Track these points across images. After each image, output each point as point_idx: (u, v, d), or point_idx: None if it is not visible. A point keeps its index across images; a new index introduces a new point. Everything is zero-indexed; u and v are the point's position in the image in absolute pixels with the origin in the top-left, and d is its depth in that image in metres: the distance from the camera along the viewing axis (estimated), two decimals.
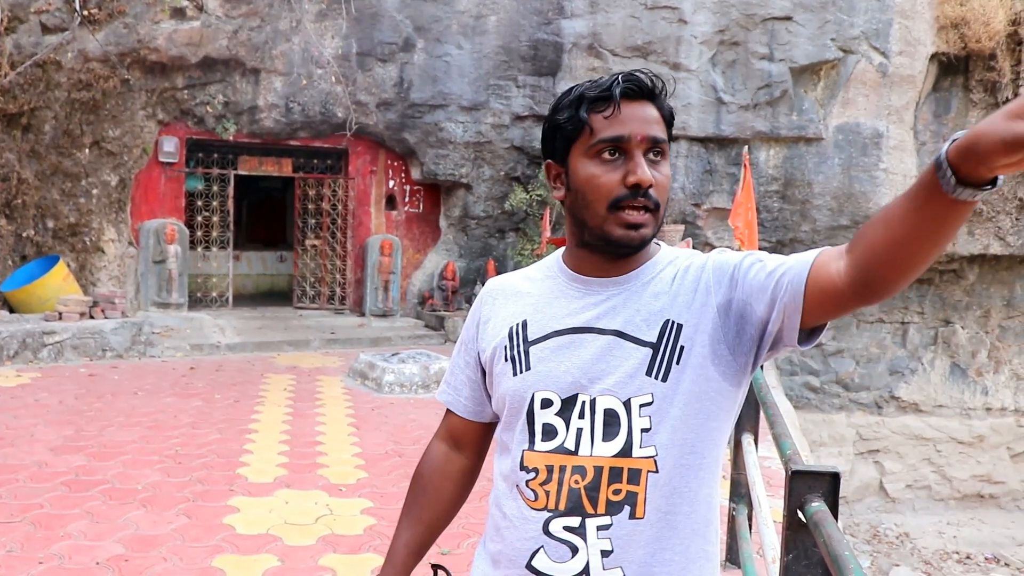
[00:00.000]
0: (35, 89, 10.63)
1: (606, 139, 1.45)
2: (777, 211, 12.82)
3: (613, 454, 1.45)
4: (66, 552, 4.21)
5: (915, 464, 13.31)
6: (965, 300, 13.40)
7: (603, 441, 1.46)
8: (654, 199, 1.44)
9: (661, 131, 1.47)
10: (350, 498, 5.29)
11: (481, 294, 1.70)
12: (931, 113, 12.80)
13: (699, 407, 1.46)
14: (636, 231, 1.45)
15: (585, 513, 1.46)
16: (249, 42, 11.71)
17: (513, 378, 1.55)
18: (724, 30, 12.47)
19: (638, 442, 1.45)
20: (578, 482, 1.46)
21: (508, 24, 12.77)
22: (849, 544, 1.72)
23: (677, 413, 1.45)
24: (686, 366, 1.45)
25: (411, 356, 9.17)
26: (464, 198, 13.53)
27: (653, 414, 1.44)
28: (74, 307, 10.01)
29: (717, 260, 1.49)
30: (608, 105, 1.45)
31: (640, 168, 1.43)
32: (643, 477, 1.44)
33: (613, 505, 1.45)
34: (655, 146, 1.46)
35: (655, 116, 1.47)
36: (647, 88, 1.47)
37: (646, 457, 1.45)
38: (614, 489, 1.45)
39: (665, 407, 1.44)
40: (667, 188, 1.48)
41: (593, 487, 1.45)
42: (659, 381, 1.44)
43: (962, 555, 12.19)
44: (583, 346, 1.50)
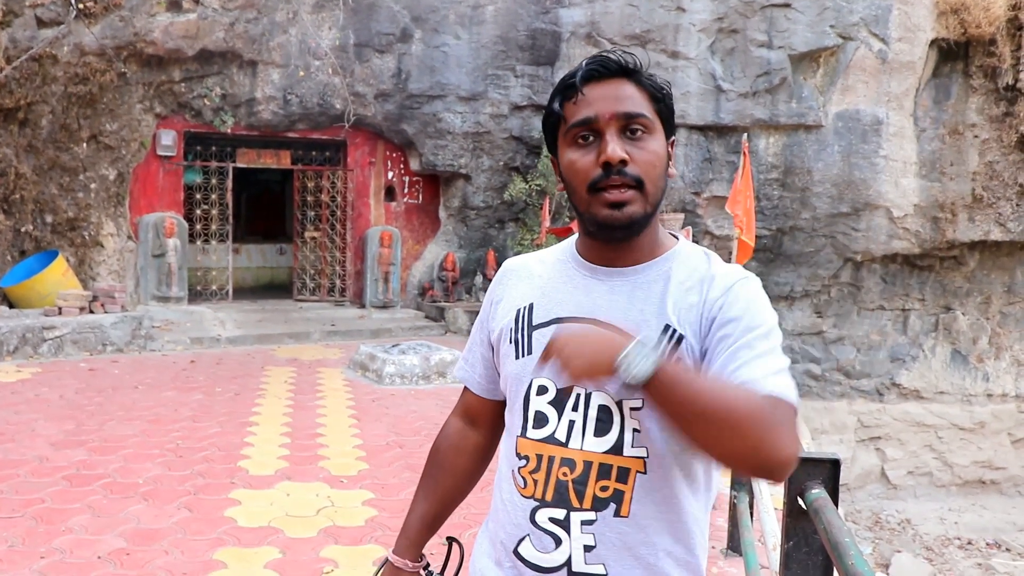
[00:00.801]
0: (31, 83, 10.60)
1: (576, 123, 1.44)
2: (777, 199, 12.80)
3: (604, 450, 1.44)
4: (68, 546, 4.21)
5: (916, 451, 13.33)
6: (966, 286, 13.39)
7: (595, 436, 1.45)
8: (631, 175, 1.41)
9: (636, 105, 1.43)
10: (351, 490, 5.29)
11: (498, 274, 1.69)
12: (931, 99, 12.76)
13: None
14: (619, 210, 1.42)
15: (571, 506, 1.45)
16: (246, 34, 11.67)
17: (515, 361, 1.54)
18: (722, 17, 12.43)
19: (629, 442, 1.43)
20: (566, 474, 1.46)
21: (506, 14, 12.72)
22: (849, 530, 1.71)
23: (668, 423, 1.39)
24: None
25: (411, 347, 9.17)
26: (463, 188, 13.51)
27: (643, 419, 1.42)
28: (74, 302, 10.01)
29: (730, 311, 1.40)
30: (574, 91, 1.45)
31: (609, 146, 1.41)
32: (632, 477, 1.43)
33: (599, 501, 1.44)
34: (631, 121, 1.43)
35: (628, 93, 1.44)
36: (615, 67, 1.45)
37: (636, 457, 1.43)
38: (602, 485, 1.44)
39: (656, 415, 1.40)
40: (652, 163, 1.43)
41: (581, 481, 1.44)
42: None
43: (963, 541, 12.22)
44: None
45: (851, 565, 1.56)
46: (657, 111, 1.46)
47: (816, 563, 2.08)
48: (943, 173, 12.71)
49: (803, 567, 2.09)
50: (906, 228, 12.74)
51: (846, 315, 13.41)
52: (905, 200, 12.63)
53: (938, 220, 12.76)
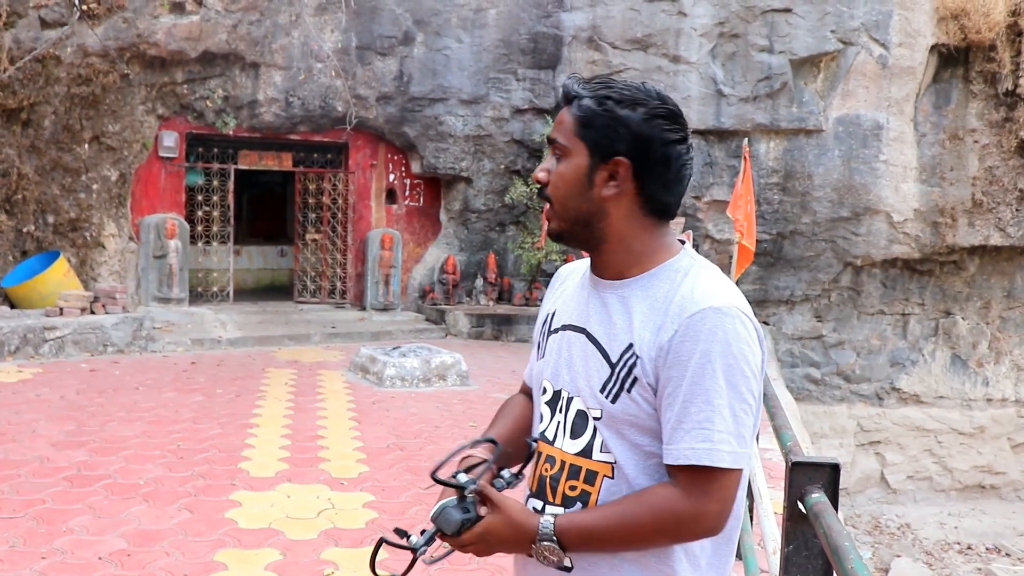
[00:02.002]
0: (35, 84, 10.62)
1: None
2: (777, 203, 12.81)
3: (575, 452, 1.54)
4: (68, 547, 4.22)
5: (916, 455, 13.33)
6: (966, 291, 13.40)
7: (571, 439, 1.55)
8: (544, 193, 1.57)
9: (557, 131, 1.55)
10: (352, 492, 5.30)
11: (556, 276, 1.81)
12: (931, 104, 12.78)
13: (649, 435, 1.48)
14: (549, 223, 1.58)
15: (546, 500, 1.56)
16: (249, 36, 11.69)
17: (536, 362, 1.71)
18: (724, 22, 12.45)
19: (598, 447, 1.51)
20: (547, 470, 1.58)
21: (508, 17, 12.74)
22: (849, 535, 1.73)
23: (625, 434, 1.49)
24: (636, 395, 1.47)
25: (412, 350, 9.18)
26: (464, 192, 13.52)
27: (602, 428, 1.50)
28: (75, 302, 10.02)
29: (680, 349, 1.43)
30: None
31: (537, 168, 1.58)
32: (599, 480, 1.50)
33: (568, 499, 1.53)
34: (551, 146, 1.56)
35: (562, 118, 1.55)
36: (563, 92, 1.57)
37: (604, 462, 1.50)
38: (571, 485, 1.53)
39: (612, 426, 1.49)
40: (556, 185, 1.54)
41: (556, 478, 1.55)
42: (608, 401, 1.49)
43: (963, 546, 12.22)
44: (574, 345, 1.57)
45: (851, 569, 1.57)
46: (579, 135, 1.52)
47: (816, 567, 2.09)
48: (943, 178, 12.73)
49: (803, 571, 2.10)
50: (906, 233, 12.76)
51: (846, 319, 13.41)
52: (905, 205, 12.65)
53: (938, 225, 12.77)
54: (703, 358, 1.40)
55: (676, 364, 1.42)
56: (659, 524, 1.41)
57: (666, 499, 1.41)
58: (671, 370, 1.42)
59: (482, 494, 1.45)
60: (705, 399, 1.40)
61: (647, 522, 1.41)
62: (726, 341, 1.41)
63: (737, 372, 1.41)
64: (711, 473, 1.40)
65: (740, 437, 1.41)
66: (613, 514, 1.43)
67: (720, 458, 1.39)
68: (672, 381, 1.42)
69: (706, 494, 1.40)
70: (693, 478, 1.40)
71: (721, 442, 1.39)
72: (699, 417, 1.40)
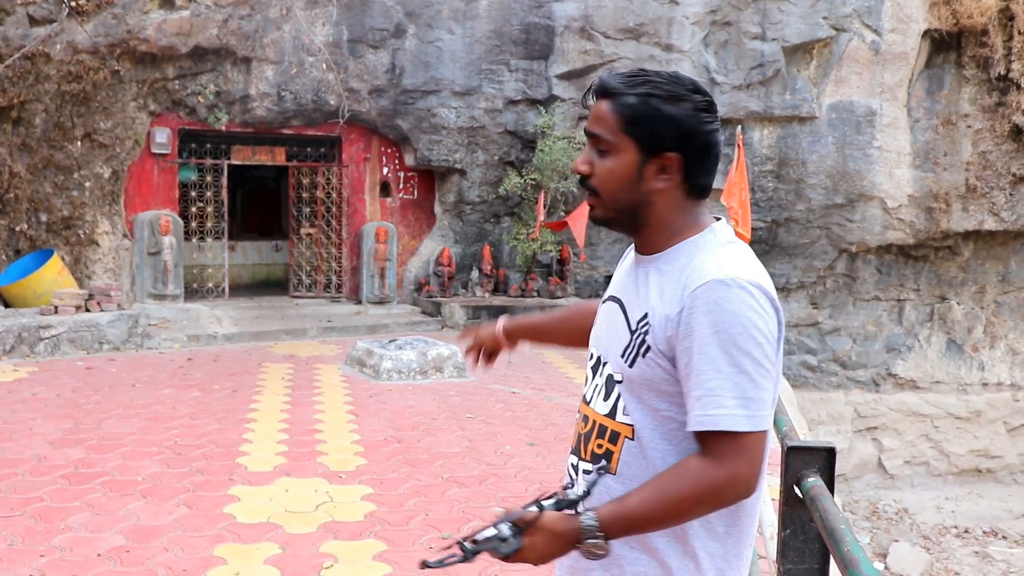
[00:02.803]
0: (24, 82, 10.57)
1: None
2: (772, 191, 12.82)
3: (603, 413, 1.66)
4: (67, 544, 4.22)
5: (913, 440, 13.37)
6: (960, 276, 13.43)
7: (602, 400, 1.67)
8: (588, 185, 1.64)
9: (600, 126, 1.60)
10: (350, 485, 5.30)
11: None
12: (924, 90, 12.79)
13: (667, 400, 1.57)
14: (592, 210, 1.68)
15: (580, 456, 1.70)
16: (240, 31, 11.65)
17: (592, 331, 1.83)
18: (716, 10, 12.43)
19: (621, 409, 1.62)
20: (582, 428, 1.71)
21: (499, 8, 12.71)
22: (845, 518, 1.73)
23: (644, 398, 1.58)
24: (650, 361, 1.56)
25: (408, 342, 9.18)
26: (458, 184, 13.51)
27: (623, 392, 1.62)
28: (70, 300, 9.99)
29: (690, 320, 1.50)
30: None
31: (578, 159, 1.65)
32: (620, 440, 1.62)
33: (595, 456, 1.66)
34: (594, 140, 1.63)
35: (601, 113, 1.61)
36: (599, 88, 1.63)
37: (626, 424, 1.61)
38: (598, 443, 1.66)
39: (632, 389, 1.60)
40: (604, 178, 1.62)
41: (587, 436, 1.69)
42: (627, 366, 1.60)
43: (960, 529, 12.27)
44: (611, 314, 1.71)
45: (847, 552, 1.58)
46: (627, 132, 1.58)
47: (813, 551, 2.10)
48: (937, 163, 12.74)
49: (800, 555, 2.10)
50: (900, 219, 12.77)
51: (842, 306, 13.44)
52: (899, 191, 12.66)
53: (932, 210, 12.79)
54: (710, 328, 1.47)
55: (687, 336, 1.50)
56: (699, 495, 1.48)
57: (700, 469, 1.48)
58: (683, 342, 1.51)
59: (520, 522, 1.50)
60: (714, 367, 1.46)
61: (688, 495, 1.48)
62: (731, 311, 1.47)
63: (746, 339, 1.47)
64: (734, 437, 1.46)
65: (756, 400, 1.47)
66: (652, 496, 1.49)
67: (736, 422, 1.46)
68: (685, 352, 1.51)
69: (734, 458, 1.47)
70: (719, 444, 1.47)
71: (738, 406, 1.46)
72: (710, 385, 1.47)
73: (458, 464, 5.81)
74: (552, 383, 8.81)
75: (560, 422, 7.11)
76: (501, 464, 5.84)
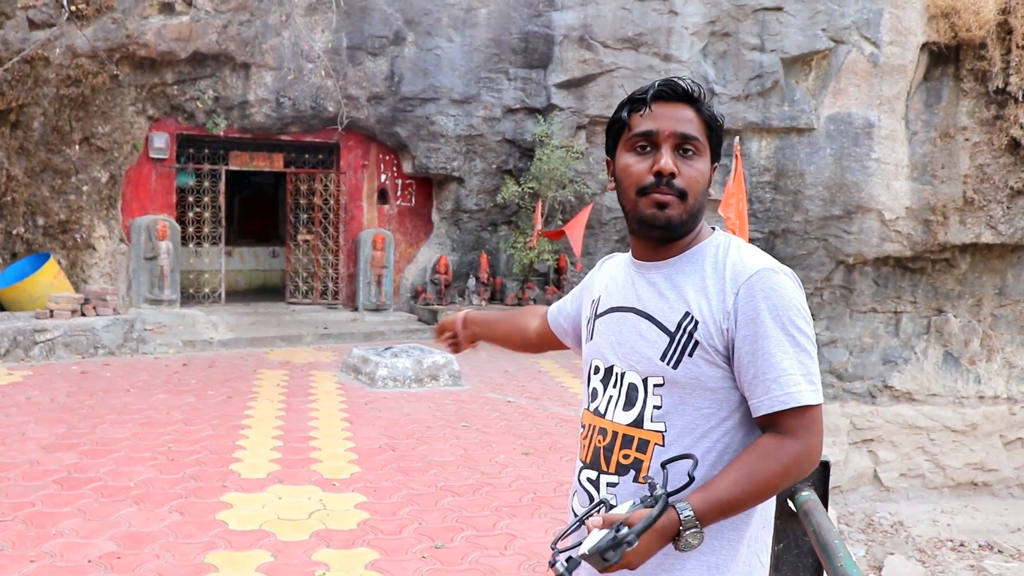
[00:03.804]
0: (23, 85, 10.57)
1: (639, 133, 1.66)
2: (769, 202, 12.83)
3: (628, 423, 1.67)
4: (58, 550, 4.20)
5: (909, 453, 13.35)
6: (957, 289, 13.43)
7: (623, 410, 1.68)
8: (677, 187, 1.63)
9: (692, 129, 1.65)
10: (343, 493, 5.28)
11: (599, 263, 1.97)
12: (922, 103, 12.81)
13: (710, 397, 1.61)
14: (662, 210, 1.63)
15: (601, 469, 1.70)
16: (239, 37, 11.65)
17: (585, 344, 1.85)
18: (715, 21, 12.46)
19: (649, 416, 1.64)
20: (600, 442, 1.71)
21: (498, 16, 12.73)
22: (839, 532, 1.72)
23: (687, 398, 1.61)
24: (697, 359, 1.60)
25: (404, 350, 9.16)
26: (456, 191, 13.50)
27: (664, 395, 1.63)
28: (65, 304, 9.97)
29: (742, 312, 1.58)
30: (643, 105, 1.66)
31: (664, 158, 1.63)
32: (650, 448, 1.62)
33: (621, 467, 1.66)
34: (685, 142, 1.64)
35: (688, 116, 1.66)
36: (681, 92, 1.66)
37: (655, 431, 1.63)
38: (624, 454, 1.66)
39: (675, 391, 1.62)
40: (698, 181, 1.65)
41: (609, 448, 1.69)
42: (670, 367, 1.63)
43: (956, 543, 12.24)
44: (624, 323, 1.72)
45: (840, 567, 1.57)
46: (708, 138, 1.67)
47: (806, 565, 2.08)
48: (934, 176, 12.75)
49: (793, 569, 2.09)
50: (898, 231, 12.78)
51: (838, 318, 13.43)
52: (897, 203, 12.67)
53: (930, 223, 12.80)
54: (769, 312, 1.57)
55: (747, 323, 1.57)
56: (785, 470, 1.55)
57: (782, 446, 1.55)
58: (743, 329, 1.57)
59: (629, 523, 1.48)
60: (782, 348, 1.55)
61: (778, 473, 1.54)
62: (785, 295, 1.58)
63: (800, 319, 1.58)
64: (808, 411, 1.56)
65: (815, 375, 1.59)
66: (743, 478, 1.53)
67: (812, 396, 1.56)
68: (747, 339, 1.57)
69: (809, 430, 1.56)
70: (795, 420, 1.55)
71: (807, 382, 1.56)
72: (784, 364, 1.55)
73: (452, 473, 5.79)
74: (547, 392, 8.79)
75: (555, 431, 7.09)
76: (495, 473, 5.82)
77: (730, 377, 1.61)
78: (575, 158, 12.63)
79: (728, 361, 1.60)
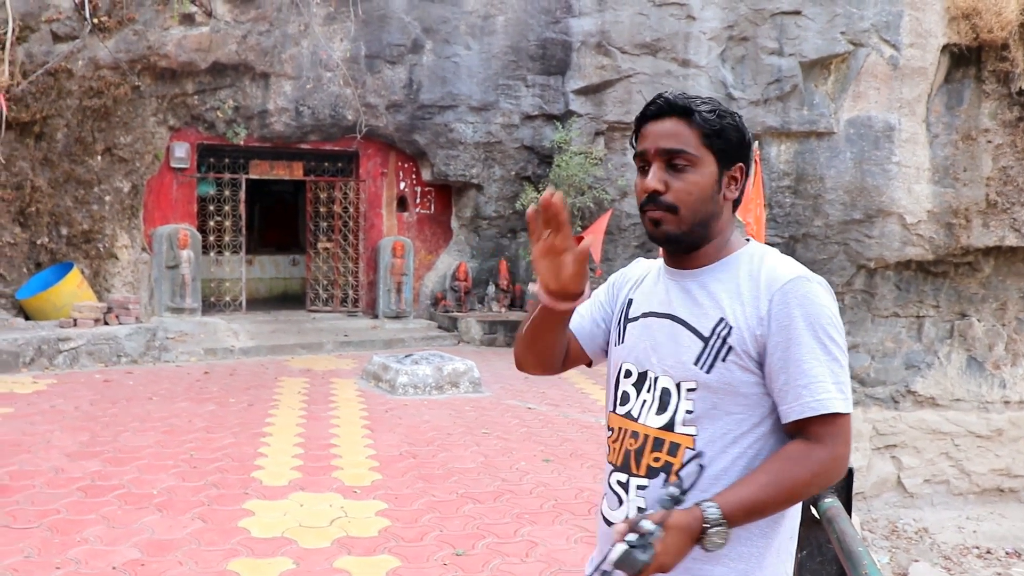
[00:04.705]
0: (47, 97, 10.69)
1: (636, 154, 1.72)
2: (789, 206, 12.76)
3: (659, 426, 1.68)
4: (83, 557, 4.23)
5: (933, 459, 13.22)
6: (981, 293, 13.30)
7: (656, 414, 1.70)
8: (664, 202, 1.66)
9: (678, 143, 1.65)
10: (365, 500, 5.29)
11: (633, 263, 1.98)
12: (943, 105, 12.71)
13: (742, 403, 1.63)
14: (656, 228, 1.68)
15: (631, 472, 1.71)
16: (258, 47, 11.74)
17: (614, 348, 1.85)
18: (733, 25, 12.42)
19: (681, 420, 1.66)
20: (631, 445, 1.72)
21: (516, 24, 12.76)
22: (863, 540, 1.70)
23: (719, 403, 1.63)
24: (730, 364, 1.62)
25: (424, 357, 9.17)
26: (475, 198, 13.53)
27: (696, 399, 1.65)
28: (88, 313, 10.06)
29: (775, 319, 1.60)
30: (638, 127, 1.72)
31: (648, 178, 1.67)
32: (681, 451, 1.65)
33: (652, 470, 1.67)
34: (672, 156, 1.66)
35: (674, 130, 1.66)
36: (666, 106, 1.68)
37: (686, 434, 1.65)
38: (654, 456, 1.68)
39: (707, 396, 1.64)
40: (690, 192, 1.66)
41: (640, 451, 1.70)
42: (704, 372, 1.64)
43: (982, 550, 12.11)
44: (659, 329, 1.73)
45: (864, 574, 1.55)
46: (707, 145, 1.66)
47: (830, 573, 2.07)
48: (956, 179, 12.65)
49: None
50: (920, 234, 12.68)
51: (860, 322, 13.33)
52: (918, 206, 12.57)
53: (952, 226, 12.69)
54: (803, 320, 1.59)
55: (780, 330, 1.59)
56: (813, 476, 1.56)
57: (811, 453, 1.56)
58: (776, 336, 1.59)
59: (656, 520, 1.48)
60: (814, 356, 1.57)
61: (805, 478, 1.56)
62: (820, 303, 1.60)
63: (833, 329, 1.60)
64: (837, 419, 1.57)
65: (846, 384, 1.60)
66: (770, 482, 1.55)
67: (842, 404, 1.57)
68: (780, 346, 1.59)
69: (837, 438, 1.58)
70: (824, 427, 1.57)
71: (837, 390, 1.58)
72: (816, 372, 1.57)
73: (473, 480, 5.79)
74: (568, 399, 8.78)
75: (575, 438, 7.08)
76: (516, 480, 5.82)
77: (762, 383, 1.63)
78: (594, 164, 12.62)
79: (761, 367, 1.62)
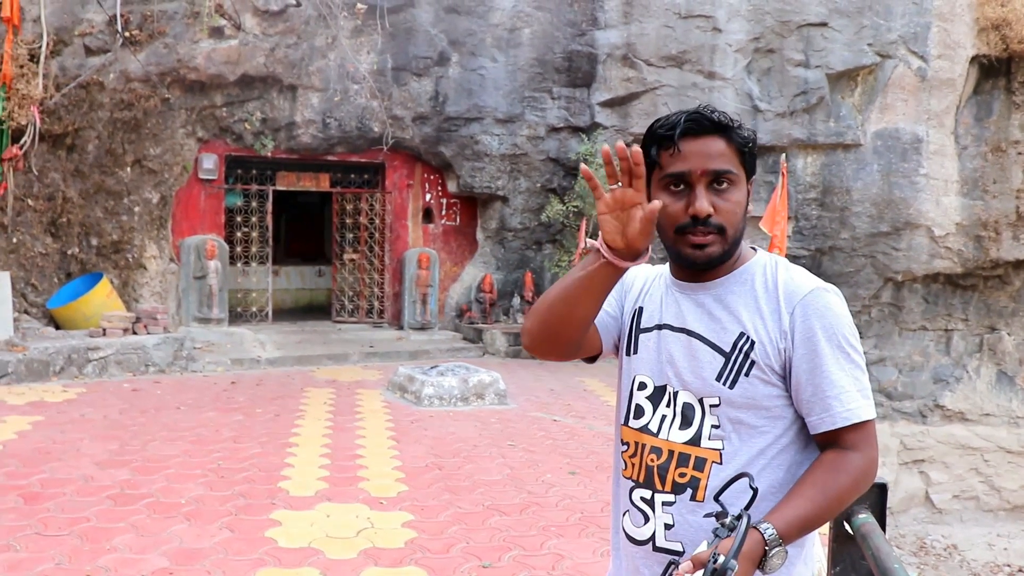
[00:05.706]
0: (79, 110, 10.85)
1: (670, 175, 1.64)
2: (816, 219, 12.69)
3: (684, 441, 1.66)
4: (112, 565, 4.27)
5: (962, 474, 13.05)
6: (1011, 306, 13.14)
7: (679, 429, 1.68)
8: (714, 224, 1.62)
9: (725, 163, 1.62)
10: (391, 511, 5.30)
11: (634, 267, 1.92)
12: (972, 116, 12.60)
13: (765, 415, 1.63)
14: (701, 251, 1.63)
15: (655, 488, 1.69)
16: (286, 59, 11.85)
17: (625, 357, 1.82)
18: (759, 37, 12.39)
19: (707, 435, 1.65)
20: (654, 460, 1.69)
21: (542, 36, 12.80)
22: (898, 556, 1.69)
23: (743, 417, 1.62)
24: (753, 379, 1.62)
25: (450, 369, 9.19)
26: (500, 210, 13.56)
27: (720, 415, 1.64)
28: (117, 323, 10.17)
29: (798, 332, 1.61)
30: (671, 144, 1.63)
31: (699, 201, 1.61)
32: (708, 466, 1.64)
33: (678, 486, 1.66)
34: (718, 177, 1.62)
35: (719, 149, 1.62)
36: (709, 125, 1.62)
37: (713, 448, 1.64)
38: (680, 472, 1.66)
39: (731, 410, 1.63)
40: (734, 212, 1.64)
41: (664, 467, 1.68)
42: (726, 388, 1.63)
43: (1014, 568, 11.93)
44: (675, 344, 1.71)
45: None
46: (742, 162, 1.65)
47: None
48: (986, 191, 12.52)
49: None
50: (948, 247, 12.56)
51: (887, 336, 13.21)
52: (947, 219, 12.46)
53: (981, 239, 12.56)
54: (825, 331, 1.60)
55: (803, 342, 1.60)
56: (854, 484, 1.58)
57: (850, 460, 1.58)
58: (800, 348, 1.60)
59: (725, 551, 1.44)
60: (839, 366, 1.59)
61: (849, 488, 1.58)
62: (838, 313, 1.62)
63: (853, 337, 1.62)
64: (866, 425, 1.60)
65: (868, 390, 1.63)
66: (817, 494, 1.55)
67: (868, 411, 1.60)
68: (805, 358, 1.60)
69: (869, 444, 1.61)
70: (858, 435, 1.59)
71: (864, 397, 1.60)
72: (842, 383, 1.59)
73: (499, 492, 5.78)
74: (593, 411, 8.76)
75: (601, 450, 7.06)
76: (542, 493, 5.81)
77: (784, 395, 1.63)
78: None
79: (784, 380, 1.62)
